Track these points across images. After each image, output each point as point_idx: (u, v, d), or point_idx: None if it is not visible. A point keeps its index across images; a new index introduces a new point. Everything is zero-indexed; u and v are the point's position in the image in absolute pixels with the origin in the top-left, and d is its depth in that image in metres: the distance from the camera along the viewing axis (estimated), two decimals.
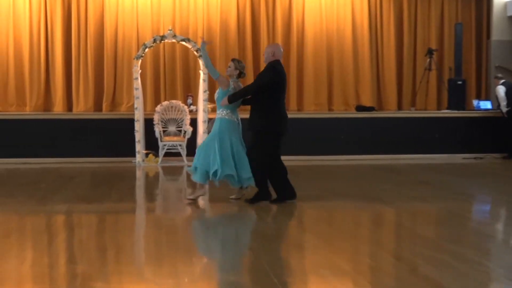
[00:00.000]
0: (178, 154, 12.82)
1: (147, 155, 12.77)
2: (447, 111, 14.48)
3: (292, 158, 12.09)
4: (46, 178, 10.92)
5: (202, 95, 12.64)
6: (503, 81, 14.20)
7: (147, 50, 13.07)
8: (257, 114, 8.30)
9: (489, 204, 9.29)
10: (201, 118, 12.55)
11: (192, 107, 13.78)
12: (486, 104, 14.81)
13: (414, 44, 15.66)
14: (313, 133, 13.60)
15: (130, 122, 12.71)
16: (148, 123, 12.92)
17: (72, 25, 14.55)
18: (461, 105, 14.48)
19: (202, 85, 12.74)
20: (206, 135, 10.26)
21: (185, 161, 12.55)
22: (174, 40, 12.92)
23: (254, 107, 8.37)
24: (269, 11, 15.22)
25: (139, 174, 11.69)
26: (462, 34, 14.93)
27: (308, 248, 6.34)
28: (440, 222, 7.79)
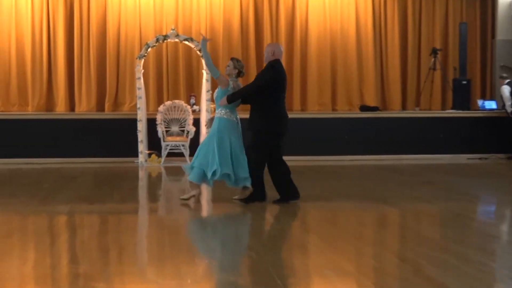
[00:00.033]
0: (181, 154, 12.79)
1: (150, 155, 12.74)
2: (452, 111, 14.43)
3: (296, 158, 12.05)
4: (48, 178, 10.90)
5: (205, 95, 12.62)
6: (508, 81, 14.15)
7: (150, 50, 13.05)
8: (257, 114, 8.26)
9: (494, 205, 9.26)
10: (204, 118, 12.51)
11: (195, 107, 13.74)
12: (491, 104, 14.75)
13: (419, 44, 15.59)
14: (317, 133, 13.56)
15: (133, 122, 12.69)
16: (151, 123, 12.91)
17: (75, 25, 14.50)
18: (466, 105, 14.43)
19: (205, 85, 12.72)
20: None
21: (188, 161, 12.49)
22: (177, 40, 12.90)
23: (254, 107, 8.32)
24: (273, 11, 15.16)
25: (142, 174, 11.67)
26: (467, 34, 14.87)
27: (312, 249, 6.31)
28: (445, 223, 7.76)
